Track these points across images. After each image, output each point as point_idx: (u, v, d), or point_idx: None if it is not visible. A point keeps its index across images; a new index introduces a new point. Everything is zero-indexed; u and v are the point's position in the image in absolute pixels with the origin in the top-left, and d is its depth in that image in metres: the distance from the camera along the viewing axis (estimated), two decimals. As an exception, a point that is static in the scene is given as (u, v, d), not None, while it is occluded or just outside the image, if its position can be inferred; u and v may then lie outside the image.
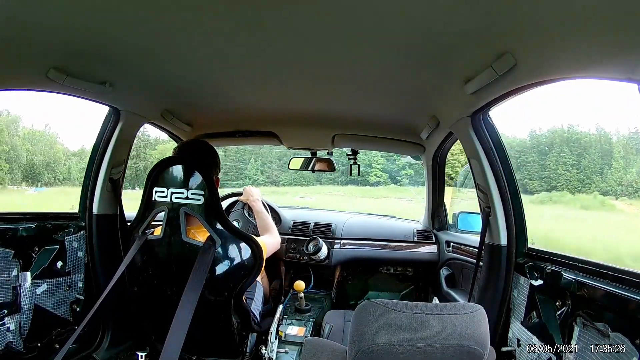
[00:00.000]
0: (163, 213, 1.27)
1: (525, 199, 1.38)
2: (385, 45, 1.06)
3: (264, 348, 1.50)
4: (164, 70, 1.35)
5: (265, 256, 1.34)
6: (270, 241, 1.57)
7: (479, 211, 1.49)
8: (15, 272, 1.32)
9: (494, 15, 0.85)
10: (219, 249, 1.26)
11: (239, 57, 1.21)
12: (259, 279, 1.77)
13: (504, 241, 1.33)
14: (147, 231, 1.31)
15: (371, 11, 0.88)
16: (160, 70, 1.35)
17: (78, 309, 1.53)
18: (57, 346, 1.44)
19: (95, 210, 1.58)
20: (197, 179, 1.24)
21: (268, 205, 2.34)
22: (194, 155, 1.40)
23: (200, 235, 1.29)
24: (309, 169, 2.41)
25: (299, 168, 2.46)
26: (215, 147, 1.51)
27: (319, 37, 1.03)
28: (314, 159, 2.40)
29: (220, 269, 1.27)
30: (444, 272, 2.14)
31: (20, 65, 1.13)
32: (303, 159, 2.44)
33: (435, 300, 1.98)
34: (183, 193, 1.24)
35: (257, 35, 1.04)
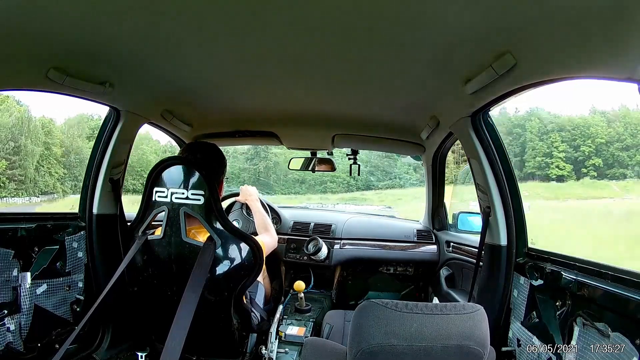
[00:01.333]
0: (163, 213, 1.27)
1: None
2: (386, 46, 1.06)
3: (264, 348, 1.50)
4: (163, 70, 1.35)
5: (264, 255, 1.34)
6: (267, 240, 1.57)
7: (479, 211, 1.49)
8: (15, 272, 1.32)
9: (494, 15, 0.85)
10: (219, 249, 1.26)
11: (239, 57, 1.21)
12: (260, 279, 1.77)
13: (504, 241, 1.33)
14: (147, 231, 1.31)
15: (371, 11, 0.88)
16: (160, 70, 1.35)
17: (78, 309, 1.53)
18: (57, 346, 1.44)
19: (95, 211, 1.58)
20: (197, 179, 1.24)
21: (268, 205, 2.34)
22: (198, 157, 1.40)
23: (200, 235, 1.29)
24: (310, 169, 2.42)
25: (299, 168, 2.47)
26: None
27: (319, 37, 1.03)
28: (315, 159, 2.40)
29: (221, 269, 1.27)
30: (444, 272, 2.14)
31: (20, 65, 1.13)
32: (303, 159, 2.45)
33: (436, 300, 1.98)
34: (183, 193, 1.24)
35: (257, 35, 1.04)
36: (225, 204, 2.30)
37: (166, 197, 1.26)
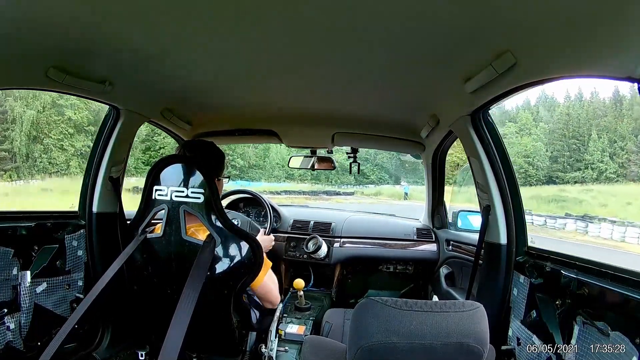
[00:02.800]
0: (163, 211, 1.27)
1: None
2: (386, 44, 1.06)
3: (263, 347, 1.50)
4: (163, 69, 1.35)
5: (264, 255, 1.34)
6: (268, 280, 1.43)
7: (479, 210, 1.49)
8: (15, 271, 1.32)
9: (494, 14, 0.85)
10: (219, 248, 1.26)
11: (239, 55, 1.21)
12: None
13: (503, 240, 1.33)
14: (146, 229, 1.31)
15: (371, 10, 0.88)
16: (159, 69, 1.34)
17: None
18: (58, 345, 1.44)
19: (95, 209, 1.58)
20: (197, 177, 1.24)
21: (269, 204, 2.34)
22: (197, 155, 1.39)
23: (200, 233, 1.29)
24: (309, 167, 2.42)
25: (299, 166, 2.46)
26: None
27: (319, 36, 1.03)
28: (315, 157, 2.40)
29: (221, 267, 1.27)
30: (443, 270, 2.14)
31: (20, 64, 1.13)
32: (303, 157, 2.44)
33: (435, 298, 1.98)
34: (183, 191, 1.24)
35: (256, 34, 1.04)
36: (225, 202, 2.31)
37: (166, 195, 1.26)
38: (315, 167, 2.38)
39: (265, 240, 1.79)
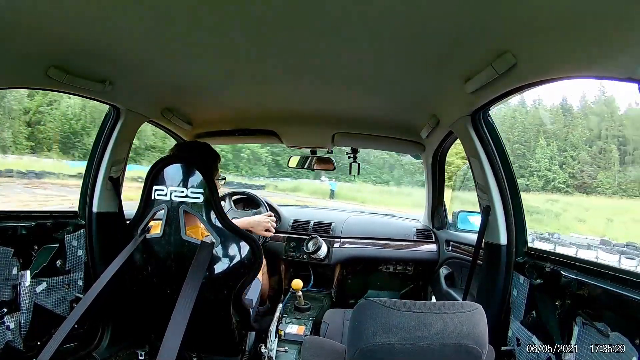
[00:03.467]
0: (163, 211, 1.27)
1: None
2: (386, 44, 1.06)
3: (263, 347, 1.50)
4: (163, 68, 1.35)
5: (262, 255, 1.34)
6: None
7: (478, 210, 1.49)
8: (15, 271, 1.32)
9: (494, 14, 0.85)
10: (219, 248, 1.26)
11: (239, 55, 1.21)
12: (258, 275, 1.77)
13: (503, 240, 1.33)
14: (146, 229, 1.32)
15: (371, 10, 0.88)
16: (160, 68, 1.35)
17: None
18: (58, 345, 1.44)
19: (95, 209, 1.58)
20: (196, 177, 1.24)
21: (268, 204, 2.34)
22: (193, 155, 1.40)
23: (199, 233, 1.29)
24: (309, 167, 2.41)
25: (298, 166, 2.46)
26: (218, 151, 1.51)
27: (319, 36, 1.03)
28: (314, 157, 2.40)
29: (220, 267, 1.28)
30: (443, 271, 2.14)
31: (20, 63, 1.13)
32: (302, 157, 2.44)
33: (433, 299, 1.98)
34: (183, 192, 1.24)
35: (257, 34, 1.04)
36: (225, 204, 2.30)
37: (165, 195, 1.26)
38: (315, 168, 2.38)
39: (261, 219, 1.73)
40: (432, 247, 2.29)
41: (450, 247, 2.13)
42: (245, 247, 1.30)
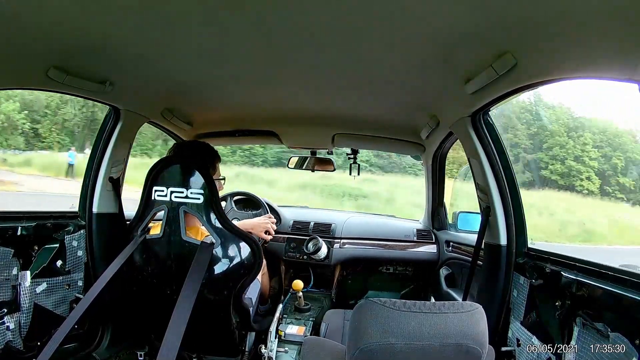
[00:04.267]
0: (163, 212, 1.27)
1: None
2: (386, 45, 1.06)
3: (263, 347, 1.50)
4: (164, 69, 1.35)
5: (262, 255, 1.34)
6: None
7: (478, 211, 1.49)
8: (15, 271, 1.32)
9: (495, 15, 0.85)
10: (219, 248, 1.26)
11: (239, 56, 1.21)
12: (258, 275, 1.77)
13: (503, 241, 1.33)
14: (146, 230, 1.32)
15: (371, 11, 0.88)
16: (160, 69, 1.35)
17: None
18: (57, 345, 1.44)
19: (95, 209, 1.58)
20: (197, 178, 1.25)
21: (268, 204, 2.34)
22: (193, 155, 1.40)
23: (199, 234, 1.29)
24: (309, 168, 2.42)
25: (298, 167, 2.46)
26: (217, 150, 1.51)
27: (319, 37, 1.03)
28: (314, 158, 2.40)
29: (220, 268, 1.28)
30: (443, 271, 2.14)
31: (20, 64, 1.13)
32: (301, 158, 2.44)
33: (432, 299, 1.98)
34: (183, 192, 1.24)
35: (257, 34, 1.04)
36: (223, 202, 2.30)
37: (165, 196, 1.26)
38: (315, 168, 2.39)
39: (261, 221, 1.73)
40: (432, 247, 2.29)
41: (450, 248, 2.13)
42: (245, 248, 1.30)
